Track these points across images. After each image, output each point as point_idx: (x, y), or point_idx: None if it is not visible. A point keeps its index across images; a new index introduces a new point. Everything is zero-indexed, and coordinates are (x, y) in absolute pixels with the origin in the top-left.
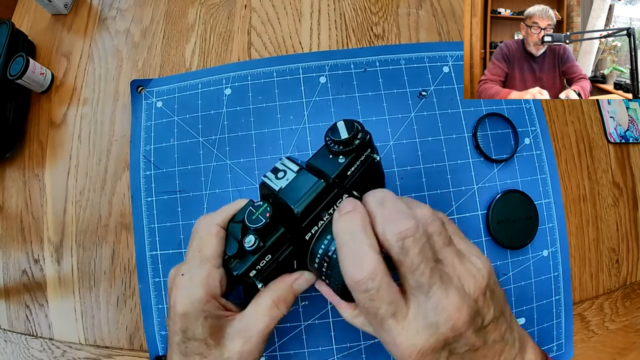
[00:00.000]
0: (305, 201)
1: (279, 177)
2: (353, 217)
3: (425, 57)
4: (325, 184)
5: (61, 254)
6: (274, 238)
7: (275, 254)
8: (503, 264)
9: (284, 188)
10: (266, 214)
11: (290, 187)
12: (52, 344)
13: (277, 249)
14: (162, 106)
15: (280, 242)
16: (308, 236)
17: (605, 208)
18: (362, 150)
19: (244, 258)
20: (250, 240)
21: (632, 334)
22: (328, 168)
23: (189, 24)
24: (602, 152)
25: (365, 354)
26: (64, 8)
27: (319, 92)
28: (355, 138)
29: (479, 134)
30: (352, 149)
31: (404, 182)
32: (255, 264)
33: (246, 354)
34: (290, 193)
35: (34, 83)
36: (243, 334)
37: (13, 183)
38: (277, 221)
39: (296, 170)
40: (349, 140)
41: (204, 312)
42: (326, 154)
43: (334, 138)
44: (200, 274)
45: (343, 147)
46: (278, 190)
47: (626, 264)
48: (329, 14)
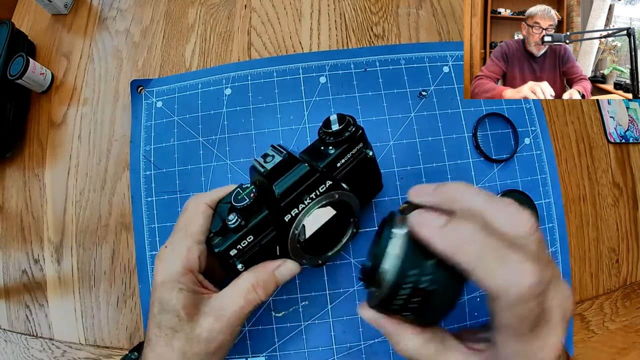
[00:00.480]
0: (286, 181)
1: (266, 161)
2: (463, 226)
3: (425, 57)
4: (308, 168)
5: (61, 254)
6: (257, 219)
7: (257, 236)
8: None
9: (269, 170)
10: (251, 194)
11: (275, 169)
12: (52, 344)
13: (260, 231)
14: (162, 106)
15: (263, 224)
16: (287, 218)
17: (605, 208)
18: (353, 144)
19: (227, 236)
20: (234, 218)
21: (632, 334)
22: (318, 158)
23: (189, 24)
24: (602, 152)
25: (365, 354)
26: (64, 8)
27: (319, 92)
28: (346, 130)
29: (479, 134)
30: (342, 140)
31: (404, 182)
32: (237, 243)
33: (216, 333)
34: (274, 174)
35: (34, 83)
36: (216, 312)
37: (13, 183)
38: (261, 203)
39: (283, 155)
40: (340, 132)
41: (179, 284)
42: (319, 146)
43: (326, 129)
44: (182, 247)
45: (333, 139)
46: (263, 171)
47: (626, 264)
48: (329, 14)
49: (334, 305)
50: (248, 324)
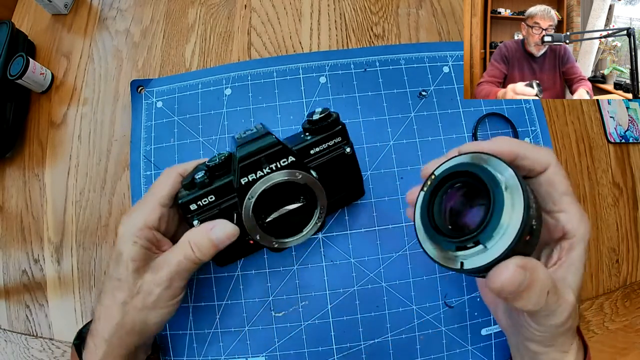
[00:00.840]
0: (250, 147)
1: (245, 133)
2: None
3: (425, 57)
4: (275, 140)
5: (61, 254)
6: (221, 181)
7: (218, 198)
8: None
9: (242, 138)
10: (221, 157)
11: (247, 138)
12: (52, 344)
13: (222, 194)
14: (162, 106)
15: (226, 187)
16: (244, 181)
17: (605, 208)
18: (332, 136)
19: (192, 190)
20: (201, 174)
21: (632, 334)
22: (293, 142)
23: (189, 24)
24: (602, 152)
25: (365, 354)
26: (64, 8)
27: (319, 92)
28: (325, 120)
29: (479, 134)
30: (320, 129)
31: (404, 182)
32: (198, 199)
33: (154, 285)
34: (244, 141)
35: (34, 83)
36: (157, 265)
37: (13, 183)
38: (229, 168)
39: (260, 129)
40: (318, 120)
41: (135, 237)
42: (299, 134)
43: (307, 117)
44: (146, 206)
45: (311, 126)
46: (237, 138)
47: (626, 264)
48: (329, 14)
49: (334, 305)
50: (248, 324)
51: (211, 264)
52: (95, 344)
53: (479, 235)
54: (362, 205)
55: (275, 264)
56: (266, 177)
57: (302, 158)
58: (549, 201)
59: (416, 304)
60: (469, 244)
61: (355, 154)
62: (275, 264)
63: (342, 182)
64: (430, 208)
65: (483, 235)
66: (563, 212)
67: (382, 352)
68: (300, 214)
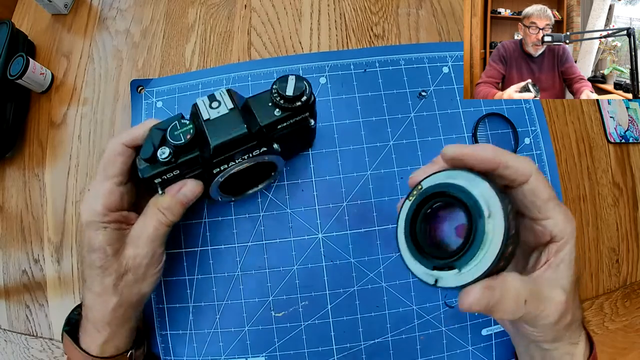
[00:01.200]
0: (223, 141)
1: (212, 107)
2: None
3: (425, 58)
4: (247, 132)
5: (61, 254)
6: (186, 158)
7: (183, 172)
8: None
9: (211, 120)
10: (187, 135)
11: (216, 121)
12: (52, 344)
13: (187, 168)
14: (162, 106)
15: (191, 162)
16: (216, 171)
17: (605, 208)
18: (301, 112)
19: (154, 165)
20: (165, 152)
21: (632, 334)
22: (261, 115)
23: (189, 24)
24: (602, 152)
25: (365, 354)
26: (64, 8)
27: (319, 92)
28: (299, 100)
29: (479, 134)
30: (291, 108)
31: (404, 182)
32: (162, 174)
33: (140, 258)
34: (214, 127)
35: (34, 83)
36: (134, 240)
37: (13, 183)
38: (195, 144)
39: (229, 108)
40: (292, 99)
41: (102, 224)
42: (267, 99)
43: (280, 91)
44: (102, 189)
45: (283, 102)
46: (206, 119)
47: (626, 264)
48: (329, 14)
49: (334, 305)
50: (248, 324)
51: (211, 264)
52: (98, 329)
53: (456, 262)
54: (362, 205)
55: (275, 264)
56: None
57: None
58: (534, 210)
59: (416, 304)
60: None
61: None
62: (276, 263)
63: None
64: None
65: (459, 262)
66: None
67: (382, 352)
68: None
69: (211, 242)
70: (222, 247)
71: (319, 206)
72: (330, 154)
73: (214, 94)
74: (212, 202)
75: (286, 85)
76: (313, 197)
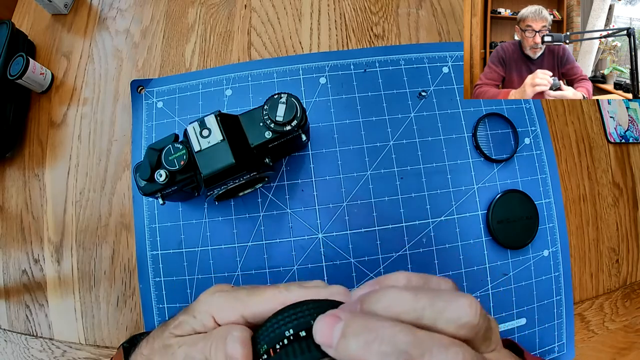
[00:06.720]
0: (213, 173)
1: (203, 136)
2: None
3: (425, 58)
4: (235, 165)
5: (61, 254)
6: (182, 177)
7: (180, 187)
8: (503, 264)
9: (202, 151)
10: (181, 162)
11: (206, 153)
12: (52, 344)
13: (183, 184)
14: (162, 106)
15: (187, 180)
16: (209, 192)
17: (605, 208)
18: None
19: (153, 184)
20: (162, 176)
21: (632, 334)
22: (252, 135)
23: (189, 24)
24: (602, 152)
25: None
26: (64, 8)
27: (319, 92)
28: (289, 124)
29: (479, 134)
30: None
31: (404, 182)
32: (162, 190)
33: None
34: (204, 158)
35: (34, 83)
36: None
37: (13, 183)
38: (189, 168)
39: (219, 140)
40: (283, 124)
41: None
42: (258, 118)
43: (270, 116)
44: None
45: (274, 126)
46: (197, 150)
47: (626, 264)
48: (329, 14)
49: None
50: None
51: (211, 264)
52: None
53: None
54: (363, 205)
55: (275, 264)
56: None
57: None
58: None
59: None
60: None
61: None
62: (276, 263)
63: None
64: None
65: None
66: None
67: None
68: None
69: (211, 242)
70: (222, 247)
71: (319, 206)
72: (330, 154)
73: (204, 120)
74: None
75: (276, 109)
76: (313, 197)
